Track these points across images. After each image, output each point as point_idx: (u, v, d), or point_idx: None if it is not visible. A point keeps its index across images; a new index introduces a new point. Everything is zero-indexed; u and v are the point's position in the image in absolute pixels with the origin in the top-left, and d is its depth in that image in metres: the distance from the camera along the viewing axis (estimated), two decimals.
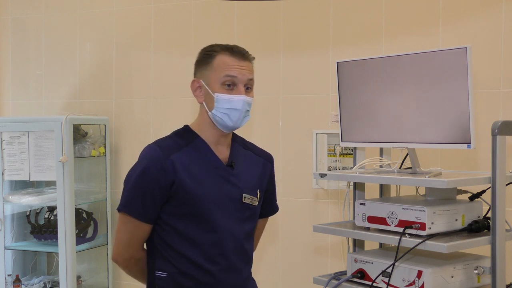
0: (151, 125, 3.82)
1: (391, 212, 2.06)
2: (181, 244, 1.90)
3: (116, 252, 1.97)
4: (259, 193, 2.04)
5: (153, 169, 1.86)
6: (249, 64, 1.96)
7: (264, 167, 2.09)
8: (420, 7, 3.15)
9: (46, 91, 4.18)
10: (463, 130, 1.96)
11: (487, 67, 2.95)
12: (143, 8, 3.86)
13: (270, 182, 2.13)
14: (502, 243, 1.93)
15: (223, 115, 1.91)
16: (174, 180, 1.86)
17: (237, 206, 1.96)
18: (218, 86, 1.91)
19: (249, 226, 2.01)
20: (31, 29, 4.21)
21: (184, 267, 1.89)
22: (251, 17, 3.56)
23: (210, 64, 1.92)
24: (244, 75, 1.92)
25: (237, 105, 1.90)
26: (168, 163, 1.86)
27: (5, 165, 3.74)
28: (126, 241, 1.95)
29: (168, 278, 1.91)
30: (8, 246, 3.82)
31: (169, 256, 1.91)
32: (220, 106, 1.90)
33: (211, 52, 1.94)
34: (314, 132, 3.34)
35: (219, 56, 1.92)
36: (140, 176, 1.88)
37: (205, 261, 1.90)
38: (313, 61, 3.40)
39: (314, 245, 3.41)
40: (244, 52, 1.95)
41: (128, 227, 1.93)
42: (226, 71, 1.90)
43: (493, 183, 1.93)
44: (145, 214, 1.89)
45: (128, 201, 1.90)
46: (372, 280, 2.06)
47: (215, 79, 1.91)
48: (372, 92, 2.21)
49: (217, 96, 1.90)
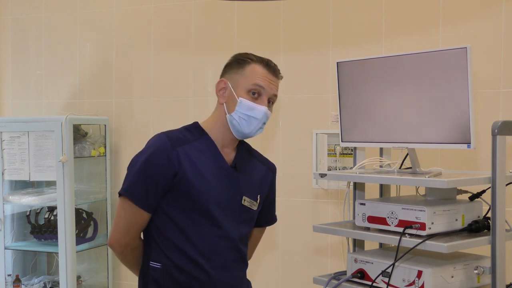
0: (151, 125, 3.82)
1: (391, 212, 2.06)
2: (178, 237, 1.90)
3: (113, 237, 1.97)
4: (259, 199, 2.06)
5: (158, 157, 1.88)
6: (277, 81, 2.01)
7: (266, 175, 2.11)
8: (420, 7, 3.15)
9: (46, 91, 4.18)
10: (463, 130, 1.96)
11: (487, 67, 2.95)
12: (143, 8, 3.86)
13: (271, 191, 2.15)
14: (502, 243, 1.93)
15: (241, 120, 1.94)
16: (178, 171, 1.88)
17: (236, 208, 1.98)
18: (244, 92, 1.94)
19: (245, 229, 2.03)
20: (31, 29, 4.21)
21: (178, 261, 1.90)
22: (251, 17, 3.56)
23: (242, 69, 1.96)
24: (271, 89, 1.97)
25: (257, 114, 1.94)
26: (174, 154, 1.88)
27: (5, 165, 3.74)
28: (123, 228, 1.94)
29: (162, 269, 1.91)
30: (8, 246, 3.82)
31: (165, 248, 1.92)
32: (241, 111, 1.93)
33: (246, 58, 1.98)
34: (314, 132, 3.34)
35: (253, 64, 1.96)
36: (146, 163, 1.89)
37: (199, 256, 1.90)
38: (313, 61, 3.40)
39: (314, 245, 3.41)
40: (276, 69, 2.00)
41: (128, 213, 1.92)
42: (256, 80, 1.94)
43: (493, 183, 1.93)
44: (145, 201, 1.89)
45: (131, 186, 1.90)
46: (372, 280, 2.06)
47: (244, 85, 1.95)
48: (372, 92, 2.21)
49: (241, 101, 1.93)
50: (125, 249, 1.98)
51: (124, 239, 1.95)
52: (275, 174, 2.16)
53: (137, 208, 1.90)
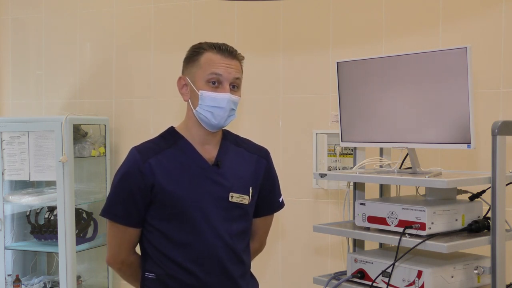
0: (151, 125, 3.82)
1: (391, 212, 2.06)
2: (166, 246, 1.89)
3: (109, 255, 1.99)
4: (252, 191, 1.98)
5: (131, 173, 1.87)
6: (237, 63, 1.92)
7: (257, 164, 2.03)
8: (420, 7, 3.14)
9: (46, 91, 4.18)
10: (463, 130, 1.96)
11: (487, 67, 2.95)
12: (143, 8, 3.86)
13: (267, 178, 2.06)
14: (502, 243, 1.93)
15: (207, 112, 1.88)
16: (153, 183, 1.86)
17: (224, 205, 1.92)
18: (203, 84, 1.89)
19: (239, 225, 1.96)
20: (31, 29, 4.21)
21: (169, 269, 1.89)
22: (251, 17, 3.56)
23: (197, 61, 1.91)
24: (230, 73, 1.89)
25: (221, 103, 1.87)
26: (146, 167, 1.86)
27: (5, 165, 3.74)
28: (116, 245, 1.96)
29: (156, 279, 1.91)
30: (8, 246, 3.82)
31: (156, 258, 1.91)
32: (205, 104, 1.88)
33: (198, 49, 1.93)
34: (314, 132, 3.34)
35: (206, 53, 1.90)
36: (121, 181, 1.90)
37: (189, 262, 1.88)
38: (313, 61, 3.40)
39: (314, 245, 3.41)
40: (232, 50, 1.92)
41: (115, 231, 1.94)
42: (212, 69, 1.88)
43: (493, 183, 1.93)
44: (128, 218, 1.90)
45: (110, 206, 1.91)
46: (372, 280, 2.06)
47: (201, 76, 1.89)
48: (372, 92, 2.21)
49: (202, 94, 1.88)
50: (122, 266, 2.00)
51: (118, 256, 1.97)
52: (269, 159, 2.08)
53: (122, 226, 1.91)
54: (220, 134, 2.00)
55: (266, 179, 2.06)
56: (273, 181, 2.11)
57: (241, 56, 1.95)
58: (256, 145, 2.09)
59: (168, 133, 1.98)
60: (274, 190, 2.12)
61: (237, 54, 1.93)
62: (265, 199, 2.07)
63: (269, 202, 2.10)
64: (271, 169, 2.09)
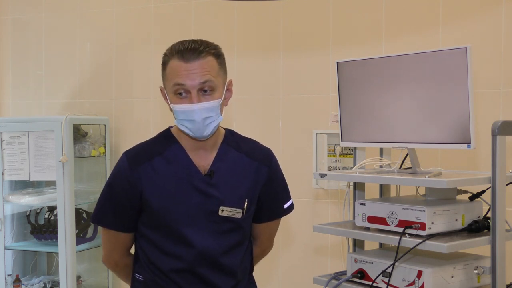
0: (151, 125, 3.82)
1: (391, 212, 2.06)
2: (154, 253, 1.86)
3: (104, 256, 2.00)
4: (247, 203, 1.86)
5: (119, 181, 1.84)
6: (205, 62, 1.73)
7: (258, 173, 1.90)
8: (420, 7, 3.14)
9: (46, 91, 4.18)
10: (463, 130, 1.97)
11: (487, 67, 2.95)
12: (143, 8, 3.86)
13: (270, 186, 1.93)
14: (502, 243, 1.93)
15: (183, 127, 1.77)
16: (141, 190, 1.81)
17: (212, 219, 1.82)
18: (172, 96, 1.76)
19: (231, 239, 1.86)
20: (31, 29, 4.21)
21: (155, 276, 1.87)
22: (251, 17, 3.56)
23: (164, 72, 1.81)
24: (194, 80, 1.72)
25: (191, 116, 1.73)
26: (134, 175, 1.81)
27: (5, 165, 3.74)
28: (109, 248, 1.96)
29: (144, 282, 1.91)
30: (8, 246, 3.82)
31: (144, 262, 1.90)
32: (178, 118, 1.76)
33: (165, 57, 1.81)
34: (314, 132, 3.34)
35: (170, 61, 1.77)
36: (109, 187, 1.88)
37: (173, 273, 1.84)
38: (313, 61, 3.40)
39: (314, 245, 3.41)
40: (196, 49, 1.74)
41: (107, 235, 1.94)
42: (175, 79, 1.74)
43: (493, 183, 1.93)
44: (118, 224, 1.88)
45: (100, 212, 1.90)
46: (372, 280, 2.06)
47: (168, 89, 1.78)
48: (372, 92, 2.21)
49: (173, 107, 1.76)
50: (116, 267, 2.00)
51: (112, 257, 1.97)
52: (270, 166, 1.93)
53: (112, 231, 1.90)
54: (220, 135, 1.89)
55: (269, 186, 1.93)
56: (277, 188, 1.98)
57: (211, 50, 1.77)
58: (259, 149, 1.96)
59: (163, 136, 1.90)
60: (277, 197, 1.99)
61: (205, 50, 1.75)
62: (266, 206, 1.96)
63: (270, 209, 1.98)
64: (274, 176, 1.96)
